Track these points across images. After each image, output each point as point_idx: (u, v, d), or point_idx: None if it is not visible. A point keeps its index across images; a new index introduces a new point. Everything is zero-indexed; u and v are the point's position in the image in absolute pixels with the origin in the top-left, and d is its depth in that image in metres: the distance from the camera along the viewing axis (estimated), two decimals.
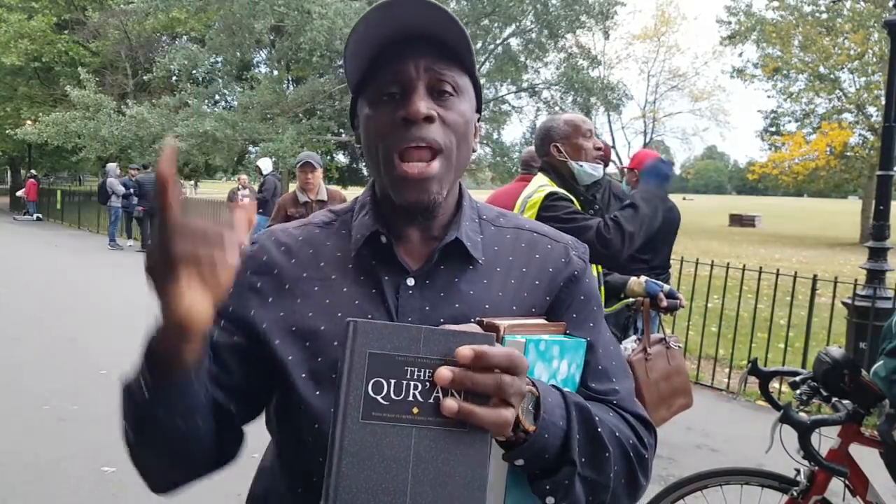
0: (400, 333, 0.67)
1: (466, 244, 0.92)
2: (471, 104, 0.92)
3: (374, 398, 0.65)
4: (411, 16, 0.84)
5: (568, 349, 0.88)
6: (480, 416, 0.67)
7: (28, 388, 4.95)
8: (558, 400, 0.80)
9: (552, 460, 0.79)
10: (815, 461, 2.13)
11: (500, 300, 0.92)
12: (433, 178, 0.86)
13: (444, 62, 0.88)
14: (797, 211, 52.16)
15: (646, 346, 2.84)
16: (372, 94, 0.89)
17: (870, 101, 22.36)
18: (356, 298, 0.90)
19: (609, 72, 32.10)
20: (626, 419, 0.92)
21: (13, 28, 21.78)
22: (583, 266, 0.99)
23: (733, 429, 4.63)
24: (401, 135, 0.85)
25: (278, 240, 0.97)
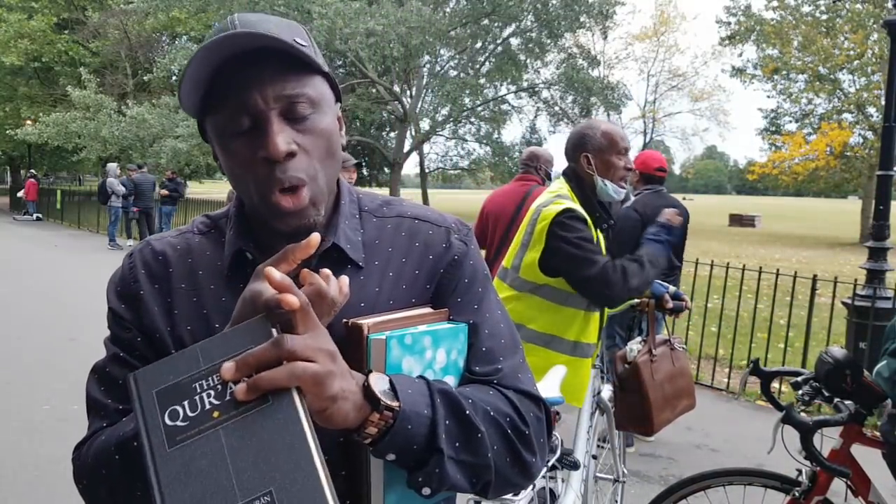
0: (177, 361, 0.70)
1: (345, 248, 0.90)
2: (330, 108, 0.89)
3: (174, 425, 0.67)
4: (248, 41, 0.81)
5: (443, 337, 0.87)
6: (269, 376, 0.66)
7: (28, 388, 4.95)
8: (421, 389, 0.79)
9: (422, 450, 0.78)
10: (816, 462, 2.13)
11: (376, 297, 0.90)
12: (307, 206, 0.84)
13: (291, 77, 0.83)
14: (797, 211, 52.18)
15: (651, 347, 2.83)
16: (222, 125, 0.85)
17: (870, 101, 22.36)
18: (233, 307, 0.87)
19: (609, 72, 32.15)
20: (506, 395, 0.90)
21: (13, 28, 21.79)
22: (464, 248, 0.96)
23: (733, 429, 4.63)
24: (266, 174, 0.82)
25: (154, 250, 0.95)
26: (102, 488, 0.85)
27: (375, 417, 0.75)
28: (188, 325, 0.89)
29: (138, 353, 0.91)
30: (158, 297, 0.91)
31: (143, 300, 0.92)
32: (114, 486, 0.84)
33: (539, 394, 0.95)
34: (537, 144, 22.58)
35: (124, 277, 0.95)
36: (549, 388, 1.99)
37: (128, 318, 0.92)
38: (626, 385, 2.78)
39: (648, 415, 2.75)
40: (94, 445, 0.87)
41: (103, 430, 0.88)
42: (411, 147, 23.48)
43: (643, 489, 3.54)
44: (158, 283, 0.92)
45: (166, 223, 14.77)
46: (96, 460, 0.85)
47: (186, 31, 23.14)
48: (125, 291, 0.93)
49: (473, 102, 21.47)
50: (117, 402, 0.90)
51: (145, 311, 0.91)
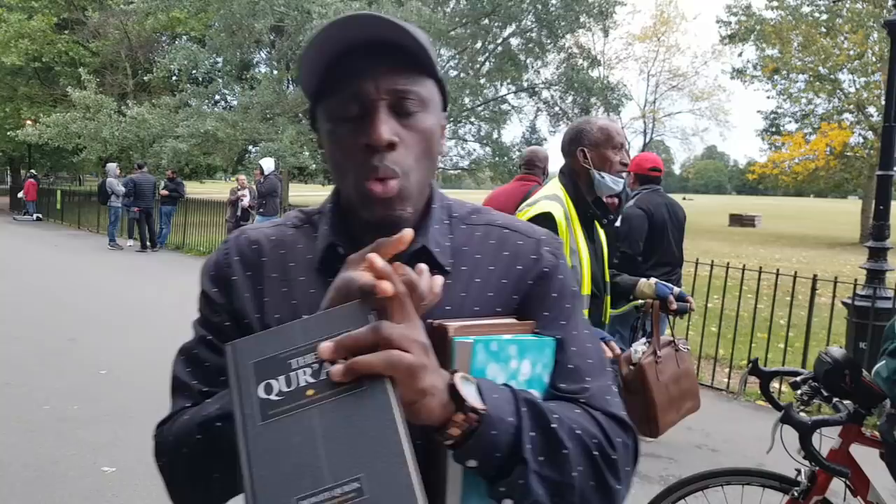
0: (277, 336, 0.70)
1: (434, 251, 0.90)
2: (436, 112, 0.91)
3: (267, 398, 0.67)
4: (371, 28, 0.83)
5: (529, 349, 0.85)
6: (366, 361, 0.66)
7: (28, 388, 4.95)
8: (506, 395, 0.78)
9: (504, 459, 0.76)
10: (816, 461, 2.13)
11: (461, 301, 0.90)
12: (396, 197, 0.85)
13: (405, 74, 0.86)
14: (797, 211, 52.16)
15: (655, 348, 2.82)
16: (332, 110, 0.87)
17: (870, 101, 22.37)
18: (321, 300, 0.88)
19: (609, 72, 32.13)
20: (594, 416, 0.87)
21: (13, 28, 21.78)
22: (554, 262, 0.96)
23: (733, 429, 4.63)
24: (364, 161, 0.84)
25: (249, 238, 0.97)
26: (181, 467, 0.86)
27: (460, 418, 0.73)
28: (276, 314, 0.90)
29: (226, 337, 0.90)
30: (250, 284, 0.93)
31: (236, 286, 0.93)
32: (192, 466, 0.85)
33: (628, 419, 0.92)
34: (537, 144, 22.58)
35: (218, 262, 0.96)
36: None
37: (219, 301, 0.94)
38: (631, 387, 2.78)
39: (654, 416, 2.74)
40: (176, 423, 0.88)
41: (186, 409, 0.89)
42: None
43: (643, 489, 3.54)
44: (251, 270, 0.94)
45: (166, 223, 14.78)
46: (178, 439, 0.86)
47: (186, 31, 23.15)
48: (219, 276, 0.95)
49: (473, 102, 21.48)
50: (202, 384, 0.91)
51: (237, 297, 0.93)
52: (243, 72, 22.09)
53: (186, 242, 14.63)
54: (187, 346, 0.97)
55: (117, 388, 4.99)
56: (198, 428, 0.84)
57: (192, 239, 14.62)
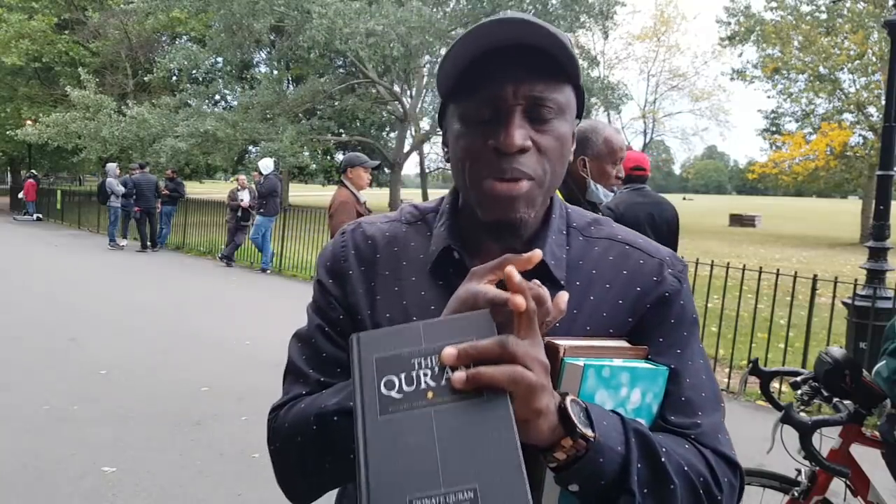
0: (401, 334, 0.70)
1: (550, 263, 0.87)
2: (571, 119, 0.88)
3: (388, 395, 0.67)
4: (517, 31, 0.81)
5: (641, 377, 0.82)
6: (490, 373, 0.65)
7: (28, 388, 4.95)
8: (615, 424, 0.76)
9: (609, 487, 0.75)
10: (816, 461, 2.13)
11: (573, 318, 0.85)
12: (521, 197, 0.83)
13: (544, 79, 0.82)
14: (797, 211, 52.16)
15: None
16: (464, 110, 0.85)
17: (870, 101, 22.37)
18: (432, 304, 0.88)
19: (609, 72, 32.13)
20: (703, 454, 0.84)
21: (13, 28, 21.78)
22: (677, 287, 0.91)
23: (733, 429, 4.57)
24: (492, 163, 0.82)
25: (365, 233, 0.97)
26: (294, 454, 0.87)
27: (568, 443, 0.72)
28: (387, 313, 0.90)
29: (340, 329, 0.93)
30: (364, 279, 0.93)
31: (351, 280, 0.94)
32: (305, 454, 0.86)
33: (738, 460, 0.89)
34: None
35: (335, 255, 0.96)
36: None
37: (335, 293, 0.94)
38: None
39: None
40: (292, 411, 0.89)
41: (302, 397, 0.90)
42: (411, 147, 23.49)
43: None
44: (365, 265, 0.94)
45: (166, 223, 14.78)
46: (293, 426, 0.87)
47: (186, 31, 23.16)
48: (335, 268, 0.95)
49: None
50: (319, 374, 0.92)
51: (351, 291, 0.93)
52: (243, 72, 22.11)
53: (186, 242, 14.63)
54: (303, 332, 0.97)
55: (117, 388, 4.99)
56: (314, 419, 0.84)
57: (192, 239, 14.63)
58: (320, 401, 0.85)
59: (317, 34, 16.15)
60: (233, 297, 9.16)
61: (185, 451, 3.87)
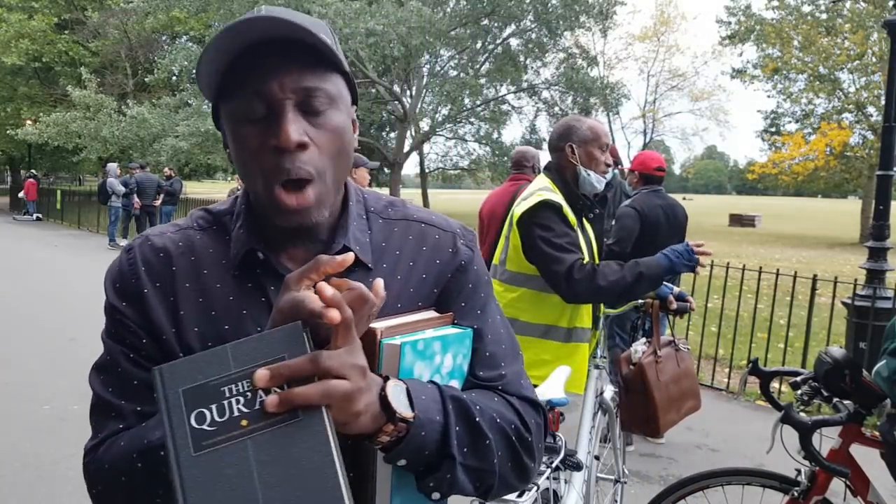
0: (207, 360, 0.67)
1: (355, 249, 0.89)
2: (346, 108, 0.88)
3: (200, 429, 0.65)
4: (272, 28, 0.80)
5: (451, 342, 0.88)
6: (304, 393, 0.65)
7: (28, 388, 4.95)
8: (434, 395, 0.80)
9: (433, 456, 0.79)
10: (816, 461, 2.13)
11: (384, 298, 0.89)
12: (311, 206, 0.83)
13: (310, 71, 0.82)
14: (797, 211, 52.16)
15: (656, 348, 2.83)
16: (236, 109, 0.83)
17: (870, 101, 22.36)
18: (244, 308, 0.86)
19: (609, 72, 32.13)
20: (510, 403, 0.92)
21: (13, 28, 21.77)
22: (469, 255, 0.98)
23: (733, 429, 4.63)
24: (274, 164, 0.81)
25: (155, 245, 0.91)
26: (120, 496, 0.83)
27: (390, 428, 0.75)
28: (195, 327, 0.86)
29: (145, 353, 0.87)
30: (161, 296, 0.88)
31: (146, 299, 0.87)
32: (132, 495, 0.82)
33: (539, 399, 0.98)
34: (536, 145, 22.58)
35: (123, 274, 0.90)
36: (553, 390, 1.99)
37: (131, 316, 0.88)
38: (631, 386, 2.79)
39: (654, 416, 2.75)
40: (112, 450, 0.83)
41: (120, 433, 0.85)
42: (411, 147, 23.48)
43: (643, 489, 3.54)
44: (161, 281, 0.88)
45: (166, 223, 14.76)
46: (115, 467, 0.82)
47: (186, 31, 23.14)
48: (126, 289, 0.89)
49: (473, 102, 21.47)
50: (133, 403, 0.86)
51: (149, 311, 0.87)
52: None
53: None
54: (104, 363, 0.90)
55: None
56: (138, 456, 0.79)
57: None
58: (142, 435, 0.80)
59: None
60: None
61: None
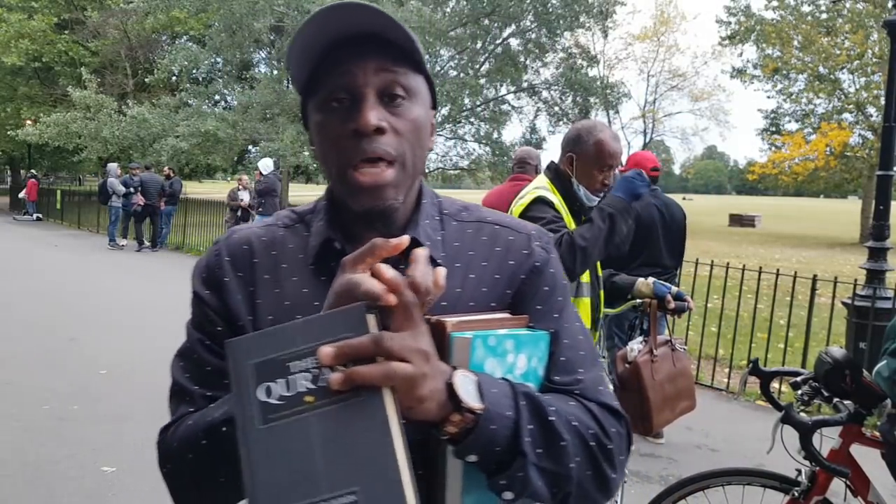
0: (275, 336, 0.69)
1: (426, 244, 0.90)
2: (424, 105, 0.91)
3: (267, 402, 0.66)
4: (358, 18, 0.83)
5: (525, 342, 0.86)
6: (367, 373, 0.66)
7: (28, 388, 4.95)
8: (505, 390, 0.79)
9: (504, 453, 0.77)
10: (816, 462, 2.13)
11: (457, 297, 0.90)
12: (387, 184, 0.85)
13: (393, 63, 0.86)
14: (797, 211, 52.16)
15: (652, 347, 2.83)
16: (321, 100, 0.88)
17: (870, 101, 22.37)
18: (316, 300, 0.88)
19: (609, 72, 32.12)
20: (588, 408, 0.89)
21: (13, 28, 21.78)
22: (545, 256, 0.98)
23: (733, 429, 4.63)
24: (352, 147, 0.84)
25: (241, 240, 0.96)
26: (187, 473, 0.86)
27: (457, 418, 0.74)
28: (270, 316, 0.90)
29: (220, 341, 0.90)
30: (241, 285, 0.93)
31: (227, 287, 0.93)
32: (198, 471, 0.85)
33: (621, 409, 0.94)
34: (536, 145, 22.59)
35: (209, 265, 0.95)
36: None
37: (212, 304, 0.93)
38: (626, 385, 2.79)
39: (648, 415, 2.75)
40: (180, 429, 0.88)
41: (190, 414, 0.89)
42: None
43: (643, 489, 3.54)
44: (243, 272, 0.93)
45: (166, 223, 14.78)
46: (182, 445, 0.86)
47: (186, 31, 23.14)
48: (210, 278, 0.94)
49: (473, 102, 21.47)
50: (205, 388, 0.90)
51: (228, 298, 0.92)
52: (243, 71, 22.07)
53: (186, 242, 14.63)
54: (184, 349, 0.95)
55: (117, 388, 4.99)
56: (203, 433, 0.83)
57: (192, 239, 14.63)
58: (207, 414, 0.85)
59: None
60: None
61: None
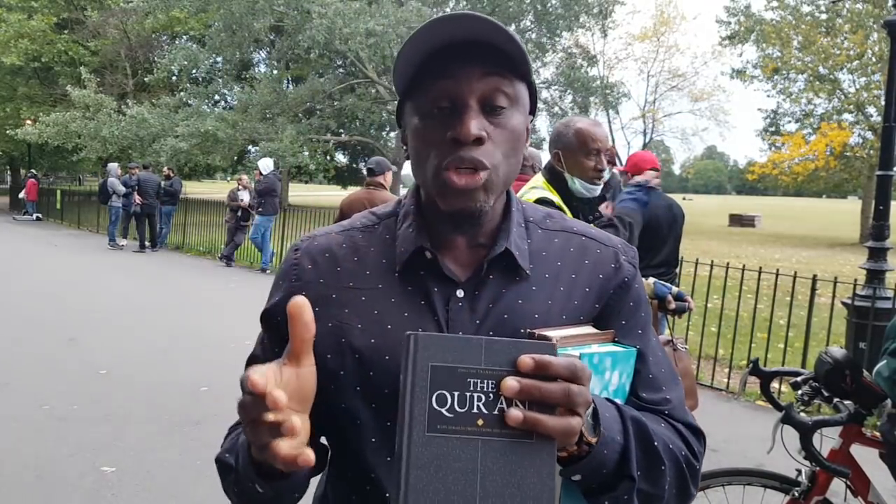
0: (461, 345, 0.67)
1: (515, 254, 0.90)
2: (524, 113, 0.90)
3: (439, 411, 0.65)
4: (467, 24, 0.83)
5: (619, 359, 0.86)
6: (547, 424, 0.66)
7: (28, 388, 4.95)
8: (615, 414, 0.80)
9: (609, 475, 0.78)
10: (816, 462, 2.13)
11: (548, 309, 0.90)
12: (479, 188, 0.84)
13: (497, 73, 0.85)
14: (797, 211, 52.17)
15: None
16: (421, 103, 0.87)
17: (870, 101, 22.37)
18: (405, 310, 0.88)
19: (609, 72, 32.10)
20: (678, 430, 0.91)
21: (13, 28, 21.77)
22: (633, 271, 0.97)
23: (733, 429, 4.63)
24: (450, 154, 0.84)
25: (321, 246, 0.95)
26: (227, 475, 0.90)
27: (573, 448, 0.75)
28: (359, 325, 0.89)
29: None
30: (325, 294, 0.91)
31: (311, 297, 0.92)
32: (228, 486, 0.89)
33: (701, 428, 0.96)
34: (536, 145, 22.58)
35: (287, 273, 0.95)
36: None
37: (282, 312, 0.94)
38: None
39: None
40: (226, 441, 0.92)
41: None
42: None
43: None
44: (325, 278, 0.92)
45: (166, 223, 14.77)
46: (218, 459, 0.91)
47: (186, 31, 23.14)
48: (291, 286, 0.94)
49: None
50: None
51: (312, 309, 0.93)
52: (243, 71, 22.09)
53: (186, 242, 14.62)
54: (250, 356, 0.97)
55: (117, 388, 4.99)
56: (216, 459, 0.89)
57: (191, 239, 14.62)
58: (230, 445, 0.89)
59: (316, 34, 16.14)
60: (233, 297, 9.16)
61: (185, 451, 3.88)
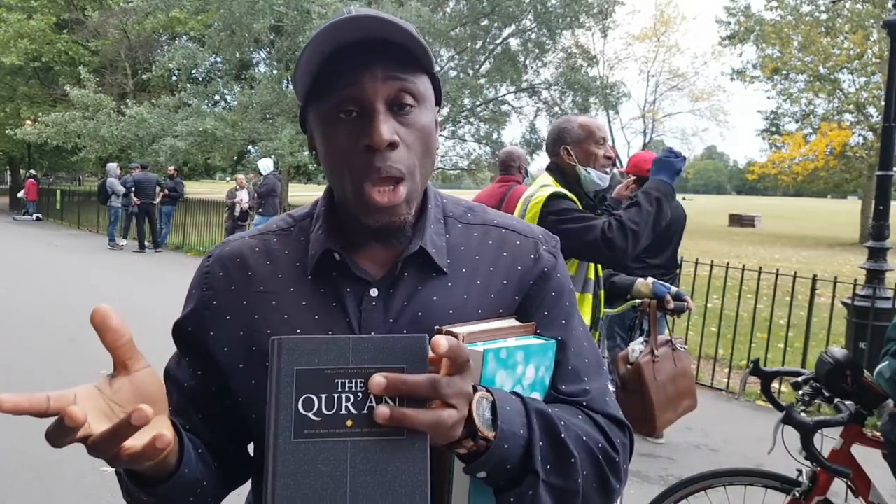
0: (328, 346, 0.66)
1: (431, 251, 0.88)
2: (431, 108, 0.88)
3: (305, 415, 0.64)
4: (364, 25, 0.80)
5: (534, 353, 0.84)
6: (415, 418, 0.65)
7: (28, 388, 4.92)
8: (518, 408, 0.77)
9: (515, 470, 0.76)
10: (817, 462, 2.13)
11: (464, 304, 0.88)
12: (401, 203, 0.83)
13: (401, 69, 0.82)
14: (797, 211, 52.17)
15: (653, 348, 2.83)
16: (326, 110, 0.83)
17: (870, 101, 22.38)
18: (315, 313, 0.87)
19: (609, 72, 32.12)
20: (596, 421, 0.88)
21: (13, 28, 21.76)
22: (553, 261, 0.95)
23: (733, 429, 4.63)
24: (365, 163, 0.81)
25: (232, 251, 0.94)
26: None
27: (470, 444, 0.73)
28: (268, 331, 0.87)
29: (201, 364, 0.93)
30: (235, 301, 0.90)
31: (220, 305, 0.92)
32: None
33: (624, 419, 0.94)
34: (536, 145, 22.58)
35: (199, 282, 0.95)
36: None
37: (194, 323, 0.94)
38: (628, 386, 2.79)
39: (651, 415, 2.75)
40: None
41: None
42: None
43: (643, 489, 3.54)
44: (235, 285, 0.91)
45: (166, 223, 14.78)
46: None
47: (186, 31, 23.13)
48: (202, 295, 0.93)
49: (473, 102, 21.48)
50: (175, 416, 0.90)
51: (220, 317, 0.91)
52: (242, 71, 22.07)
53: (186, 242, 14.63)
54: (167, 369, 0.96)
55: None
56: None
57: (191, 239, 14.62)
58: None
59: None
60: None
61: None
